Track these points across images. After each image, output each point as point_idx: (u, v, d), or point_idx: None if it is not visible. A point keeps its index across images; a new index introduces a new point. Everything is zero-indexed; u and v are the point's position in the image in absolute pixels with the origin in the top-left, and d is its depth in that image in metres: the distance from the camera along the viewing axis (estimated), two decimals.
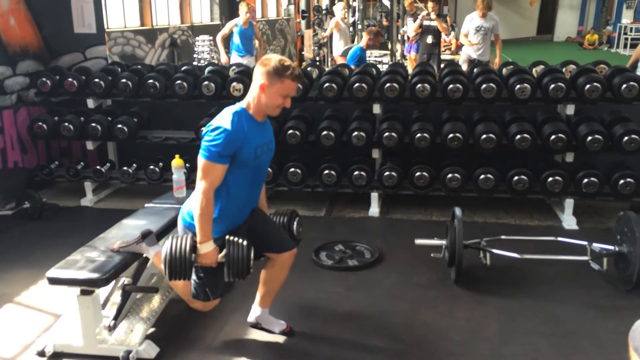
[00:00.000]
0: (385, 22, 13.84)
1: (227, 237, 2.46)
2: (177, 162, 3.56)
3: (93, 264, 2.57)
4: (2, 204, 4.75)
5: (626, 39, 19.01)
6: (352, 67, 6.75)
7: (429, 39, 8.84)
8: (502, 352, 2.75)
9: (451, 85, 4.41)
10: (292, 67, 2.44)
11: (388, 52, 12.81)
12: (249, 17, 7.65)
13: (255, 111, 2.49)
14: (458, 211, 3.39)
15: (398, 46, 14.46)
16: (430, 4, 8.88)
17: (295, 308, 3.15)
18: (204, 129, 2.45)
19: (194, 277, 2.56)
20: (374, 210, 4.67)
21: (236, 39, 7.73)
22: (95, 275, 2.50)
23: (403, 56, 14.80)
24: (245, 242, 2.45)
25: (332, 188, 4.62)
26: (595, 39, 21.36)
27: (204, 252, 2.43)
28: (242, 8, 7.66)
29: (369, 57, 10.60)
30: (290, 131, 4.50)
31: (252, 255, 2.46)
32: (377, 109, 4.66)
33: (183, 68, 5.24)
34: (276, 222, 2.86)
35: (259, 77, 2.43)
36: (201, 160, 2.41)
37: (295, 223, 2.90)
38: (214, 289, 2.59)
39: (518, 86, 4.32)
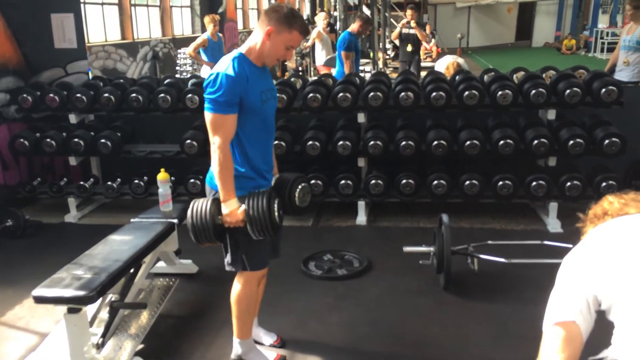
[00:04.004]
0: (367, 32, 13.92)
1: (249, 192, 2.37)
2: (162, 175, 3.54)
3: (79, 282, 2.53)
4: None
5: (603, 43, 19.36)
6: (342, 52, 6.74)
7: (408, 47, 8.91)
8: (493, 357, 2.77)
9: (434, 93, 4.44)
10: (303, 18, 2.38)
11: (370, 60, 12.88)
12: (216, 29, 7.74)
13: (256, 57, 2.37)
14: (445, 218, 3.41)
15: (380, 54, 14.59)
16: (409, 12, 8.94)
17: (285, 319, 3.13)
18: (205, 82, 2.33)
19: (229, 241, 2.45)
20: (361, 218, 4.68)
21: (207, 52, 7.79)
22: (82, 293, 2.46)
23: (385, 64, 14.95)
24: (266, 193, 2.34)
25: (318, 198, 4.61)
26: (572, 44, 21.71)
27: (228, 211, 2.32)
28: (207, 21, 7.80)
29: None
30: (276, 142, 4.49)
31: (274, 207, 2.33)
32: (361, 117, 4.67)
33: (166, 81, 5.20)
34: (279, 184, 2.60)
35: (266, 22, 2.31)
36: (209, 116, 2.30)
37: (297, 190, 2.55)
38: (251, 257, 2.47)
39: (500, 92, 4.37)
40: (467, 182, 4.41)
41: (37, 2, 5.24)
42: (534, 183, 4.34)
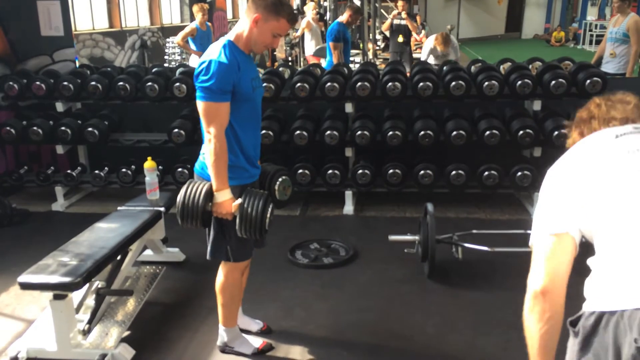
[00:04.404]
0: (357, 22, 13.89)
1: (248, 187, 2.38)
2: (149, 164, 3.54)
3: (65, 268, 2.54)
4: None
5: (591, 35, 19.42)
6: (330, 43, 6.74)
7: (400, 38, 8.93)
8: (475, 343, 2.82)
9: (421, 84, 4.47)
10: (291, 7, 2.39)
11: (360, 51, 12.86)
12: (205, 18, 7.70)
13: (244, 44, 2.37)
14: (430, 207, 3.44)
15: (370, 45, 14.55)
16: (400, 3, 8.96)
17: (271, 307, 3.16)
18: (196, 70, 2.30)
19: (213, 230, 2.45)
20: (349, 208, 4.71)
21: (196, 41, 7.76)
22: (67, 279, 2.47)
23: (375, 55, 14.92)
24: (265, 194, 2.35)
25: (306, 187, 4.64)
26: (561, 36, 21.79)
27: (220, 201, 2.32)
28: (196, 10, 7.75)
29: None
30: (264, 131, 4.50)
31: (268, 210, 2.34)
32: (349, 107, 4.69)
33: (154, 70, 5.19)
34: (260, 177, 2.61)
35: (254, 10, 2.31)
36: (202, 105, 2.28)
37: (277, 183, 2.57)
38: (235, 249, 2.46)
39: (486, 83, 4.41)
40: (453, 172, 4.44)
41: None
42: (519, 173, 4.39)
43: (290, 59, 11.96)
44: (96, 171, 4.88)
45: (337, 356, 2.76)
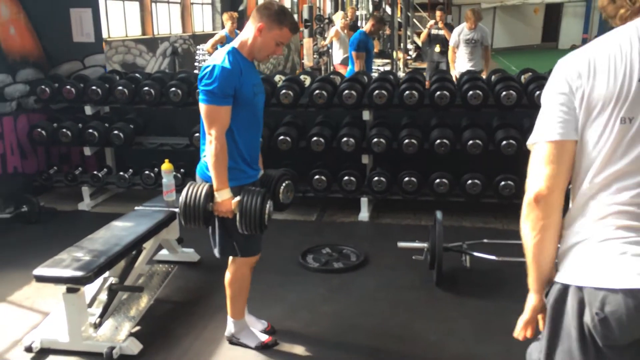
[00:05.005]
0: (387, 31, 13.96)
1: (246, 187, 2.47)
2: (166, 166, 3.66)
3: (78, 263, 2.67)
4: (2, 207, 4.86)
5: None
6: (353, 52, 6.80)
7: (437, 48, 8.93)
8: (475, 351, 2.82)
9: (439, 92, 4.49)
10: (293, 16, 2.49)
11: (389, 61, 12.90)
12: (234, 26, 7.86)
13: (248, 52, 2.48)
14: (439, 215, 3.46)
15: (400, 55, 14.57)
16: (437, 13, 8.99)
17: (277, 307, 3.23)
18: (200, 74, 2.42)
19: (218, 229, 2.55)
20: (364, 215, 4.75)
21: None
22: (79, 273, 2.59)
23: (406, 64, 14.93)
24: (262, 191, 2.44)
25: (322, 193, 4.70)
26: None
27: (220, 200, 2.41)
28: (226, 19, 7.92)
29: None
30: (282, 137, 4.60)
31: (267, 206, 2.42)
32: (366, 115, 4.74)
33: (179, 76, 5.35)
34: (264, 181, 2.70)
35: (258, 19, 2.42)
36: (204, 107, 2.38)
37: (282, 186, 2.67)
38: (242, 244, 2.56)
39: (504, 93, 4.40)
40: (469, 182, 4.44)
41: None
42: None
43: (320, 66, 12.08)
44: (121, 173, 5.05)
45: (337, 357, 2.81)
